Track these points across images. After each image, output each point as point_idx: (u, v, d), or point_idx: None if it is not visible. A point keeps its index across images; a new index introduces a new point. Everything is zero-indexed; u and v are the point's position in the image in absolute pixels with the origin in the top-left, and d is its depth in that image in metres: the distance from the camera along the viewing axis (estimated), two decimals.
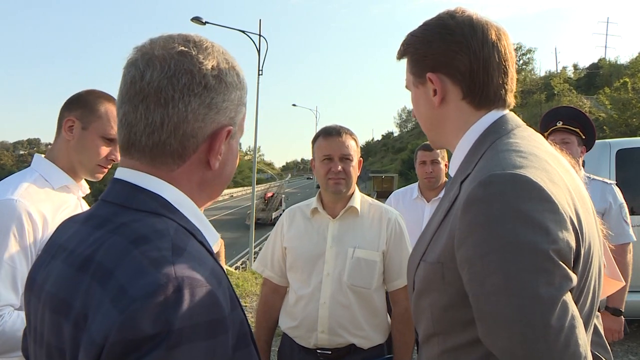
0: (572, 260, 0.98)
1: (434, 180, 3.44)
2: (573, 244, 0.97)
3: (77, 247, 0.84)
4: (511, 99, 1.24)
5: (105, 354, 0.67)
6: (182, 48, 0.86)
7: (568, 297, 0.94)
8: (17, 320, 1.62)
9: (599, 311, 2.38)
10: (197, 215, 0.91)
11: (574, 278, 0.96)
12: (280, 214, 2.26)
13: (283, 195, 56.94)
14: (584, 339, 0.94)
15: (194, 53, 0.86)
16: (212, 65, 0.87)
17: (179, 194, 0.88)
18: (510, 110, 1.26)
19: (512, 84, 1.23)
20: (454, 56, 1.19)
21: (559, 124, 2.86)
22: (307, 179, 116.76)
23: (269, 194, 54.60)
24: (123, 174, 0.89)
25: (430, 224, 1.26)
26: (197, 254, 0.79)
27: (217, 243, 0.94)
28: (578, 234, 1.00)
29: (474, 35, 1.18)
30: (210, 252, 0.86)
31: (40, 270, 0.92)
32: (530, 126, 1.25)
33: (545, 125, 2.92)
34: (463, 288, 1.05)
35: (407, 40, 1.29)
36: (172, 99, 0.84)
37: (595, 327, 1.66)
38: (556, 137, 2.82)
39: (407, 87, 1.34)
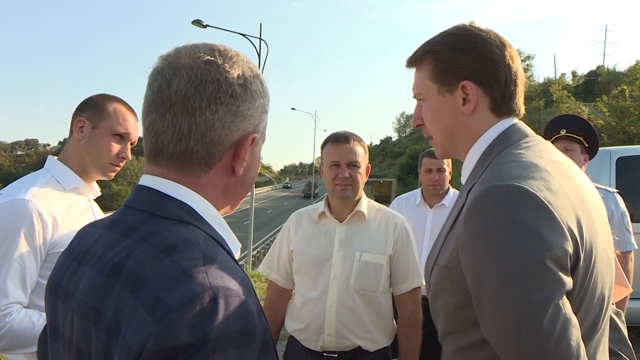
0: (571, 265, 1.03)
1: (439, 188, 3.46)
2: (570, 249, 1.02)
3: (105, 254, 0.84)
4: (522, 107, 1.31)
5: None
6: (208, 57, 0.88)
7: (563, 301, 1.00)
8: (24, 318, 1.65)
9: None
10: (221, 223, 0.92)
11: (569, 282, 1.02)
12: (318, 192, 2.34)
13: (318, 182, 75.97)
14: (577, 341, 0.99)
15: (220, 62, 0.88)
16: (238, 74, 0.89)
17: (204, 202, 0.90)
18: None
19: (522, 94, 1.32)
20: (493, 66, 1.23)
21: (562, 132, 2.89)
22: (284, 187, 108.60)
23: (310, 181, 76.38)
24: (148, 181, 0.90)
25: (442, 230, 1.31)
26: (227, 264, 0.80)
27: (238, 252, 0.95)
28: (577, 240, 1.04)
29: (504, 48, 1.25)
30: (235, 260, 0.88)
31: (64, 275, 0.93)
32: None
33: (549, 133, 2.96)
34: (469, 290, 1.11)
35: (430, 47, 1.29)
36: (200, 107, 0.85)
37: (617, 325, 1.71)
38: (559, 145, 2.85)
39: (418, 95, 1.34)
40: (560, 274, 1.01)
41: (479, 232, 1.06)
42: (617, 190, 3.16)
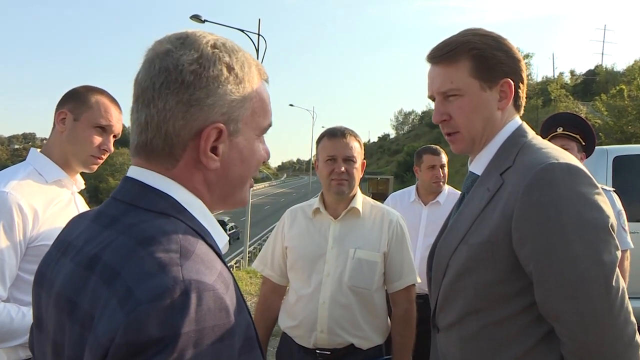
0: None
1: (442, 184, 3.47)
2: (612, 217, 1.20)
3: (85, 246, 0.83)
4: None
5: (110, 356, 0.67)
6: (169, 46, 0.85)
7: (614, 257, 1.17)
8: (2, 312, 1.63)
9: None
10: (207, 216, 0.90)
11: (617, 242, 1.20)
12: None
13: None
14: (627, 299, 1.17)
15: (175, 50, 0.84)
16: (190, 60, 0.83)
17: (188, 194, 0.87)
18: None
19: None
20: (522, 67, 1.40)
21: (560, 130, 2.87)
22: None
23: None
24: (134, 172, 0.89)
25: (462, 212, 1.40)
26: (205, 257, 0.78)
27: (225, 245, 0.93)
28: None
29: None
30: (218, 254, 0.85)
31: (49, 265, 0.92)
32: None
33: (545, 131, 2.94)
34: (511, 264, 1.23)
35: (472, 45, 1.36)
36: (153, 99, 0.84)
37: None
38: (556, 143, 2.82)
39: (454, 90, 1.37)
40: (616, 240, 1.18)
41: (545, 202, 1.16)
42: (614, 189, 3.15)
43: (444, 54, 1.38)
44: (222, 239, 0.92)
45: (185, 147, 0.85)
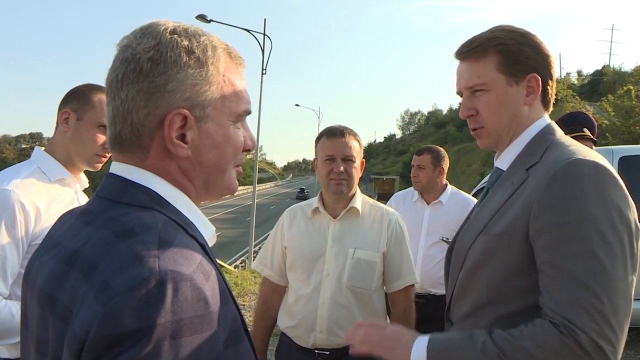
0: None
1: (419, 185, 3.53)
2: (635, 226, 1.19)
3: (67, 242, 0.83)
4: None
5: (87, 349, 0.67)
6: (130, 38, 0.86)
7: (630, 265, 1.16)
8: (3, 309, 1.63)
9: None
10: (191, 208, 0.89)
11: (637, 251, 1.19)
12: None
13: None
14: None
15: (134, 40, 0.85)
16: (145, 48, 0.83)
17: (169, 187, 0.87)
18: None
19: None
20: (551, 64, 1.39)
21: (586, 131, 2.83)
22: None
23: None
24: (115, 168, 0.89)
25: (484, 205, 1.42)
26: (185, 248, 0.77)
27: (212, 236, 0.92)
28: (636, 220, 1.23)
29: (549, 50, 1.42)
30: (202, 245, 0.84)
31: (35, 263, 0.92)
32: None
33: (564, 128, 2.89)
34: (527, 257, 1.22)
35: (498, 40, 1.36)
36: (117, 91, 0.84)
37: None
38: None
39: (480, 85, 1.38)
40: (635, 248, 1.18)
41: (565, 197, 1.16)
42: None
43: (471, 50, 1.39)
44: (207, 230, 0.91)
45: (152, 137, 0.85)
